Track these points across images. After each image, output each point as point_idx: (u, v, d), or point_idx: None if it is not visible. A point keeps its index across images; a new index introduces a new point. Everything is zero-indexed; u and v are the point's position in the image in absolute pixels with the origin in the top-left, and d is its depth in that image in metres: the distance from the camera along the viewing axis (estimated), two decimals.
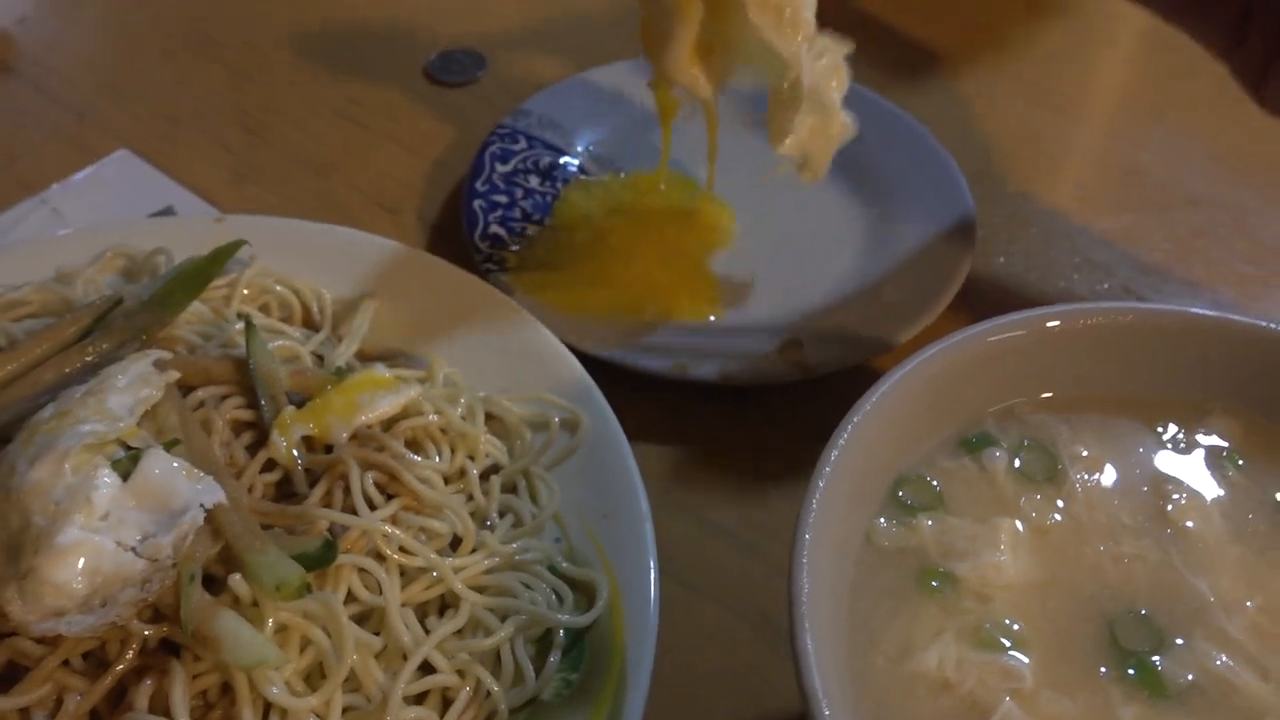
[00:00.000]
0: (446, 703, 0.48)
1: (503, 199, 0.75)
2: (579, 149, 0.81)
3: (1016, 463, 0.47)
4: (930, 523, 0.45)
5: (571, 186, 0.78)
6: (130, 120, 0.85)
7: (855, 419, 0.44)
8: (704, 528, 0.60)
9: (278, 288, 0.64)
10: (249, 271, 0.63)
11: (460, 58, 0.90)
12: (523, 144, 0.79)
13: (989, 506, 0.46)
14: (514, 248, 0.72)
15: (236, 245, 0.59)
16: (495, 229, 0.73)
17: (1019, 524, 0.45)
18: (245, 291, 0.63)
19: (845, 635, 0.42)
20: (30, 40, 0.93)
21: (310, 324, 0.64)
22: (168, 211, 0.77)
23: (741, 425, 0.65)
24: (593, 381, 0.60)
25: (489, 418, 0.60)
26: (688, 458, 0.63)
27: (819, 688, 0.36)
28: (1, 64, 0.91)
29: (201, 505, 0.45)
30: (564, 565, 0.53)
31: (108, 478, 0.45)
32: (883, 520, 0.45)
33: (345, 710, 0.46)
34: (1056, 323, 0.49)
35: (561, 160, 0.79)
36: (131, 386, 0.47)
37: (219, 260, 0.58)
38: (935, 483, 0.46)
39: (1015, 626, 0.42)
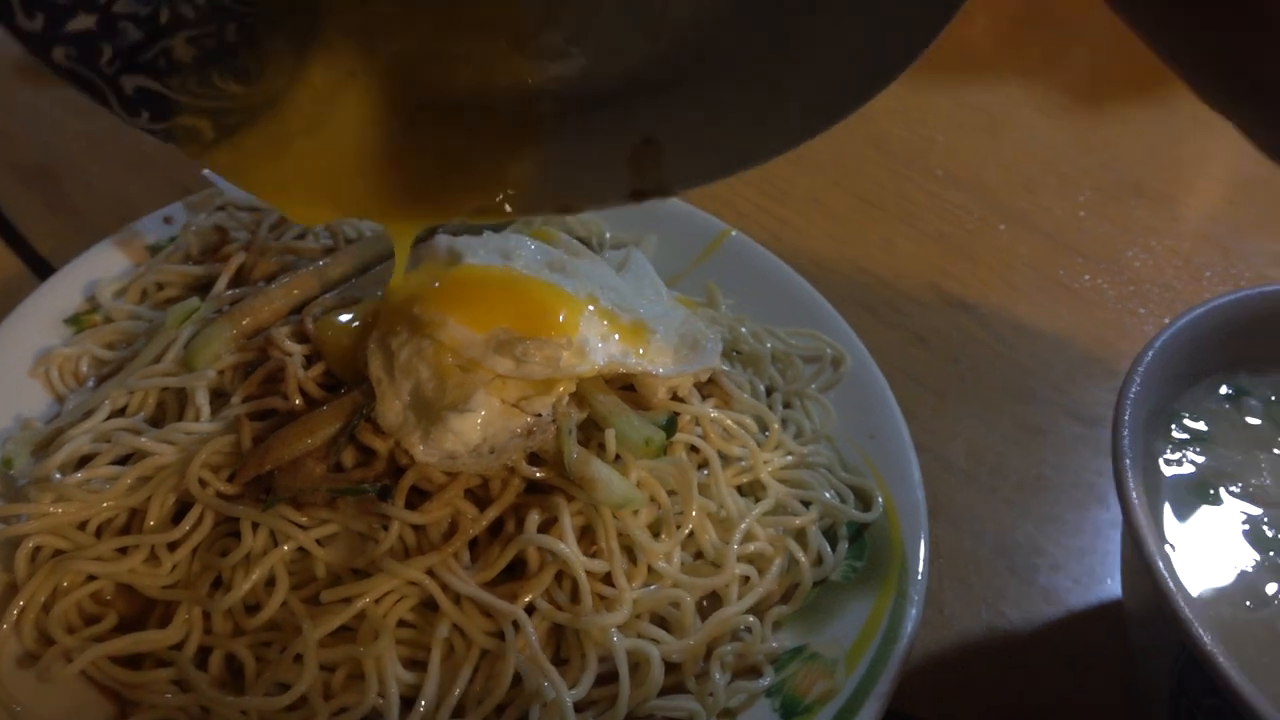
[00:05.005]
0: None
1: None
2: None
3: (1266, 410, 0.55)
4: (1202, 451, 0.53)
5: None
6: None
7: (1140, 368, 0.52)
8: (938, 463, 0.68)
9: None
10: None
11: None
12: None
13: (1249, 442, 0.54)
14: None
15: None
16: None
17: (1276, 455, 0.53)
18: None
19: None
20: None
21: None
22: None
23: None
24: (849, 327, 0.68)
25: None
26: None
27: (1155, 552, 0.44)
28: None
29: None
30: (841, 472, 0.61)
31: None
32: (1165, 445, 0.53)
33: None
34: None
35: None
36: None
37: None
38: (1202, 420, 0.54)
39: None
